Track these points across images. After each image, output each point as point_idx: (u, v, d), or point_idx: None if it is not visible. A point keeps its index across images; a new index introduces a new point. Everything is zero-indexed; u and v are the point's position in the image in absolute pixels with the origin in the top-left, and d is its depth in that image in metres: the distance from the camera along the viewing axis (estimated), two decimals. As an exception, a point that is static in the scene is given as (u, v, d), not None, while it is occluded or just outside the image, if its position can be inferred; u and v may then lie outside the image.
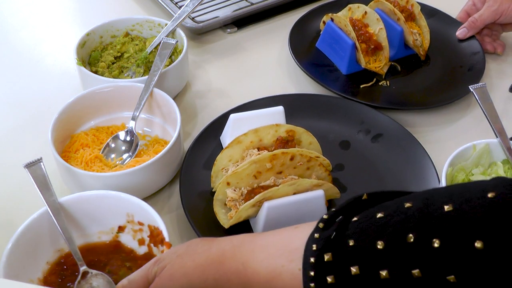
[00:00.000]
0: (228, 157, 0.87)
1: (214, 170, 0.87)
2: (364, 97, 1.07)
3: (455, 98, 1.06)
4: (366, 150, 0.96)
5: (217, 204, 0.83)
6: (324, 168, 0.85)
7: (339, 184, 0.90)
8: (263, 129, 0.88)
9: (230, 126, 0.93)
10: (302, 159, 0.83)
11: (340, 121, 1.01)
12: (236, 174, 0.81)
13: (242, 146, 0.87)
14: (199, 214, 0.83)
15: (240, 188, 0.82)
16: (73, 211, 0.78)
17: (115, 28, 1.13)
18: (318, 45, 1.21)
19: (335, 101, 1.04)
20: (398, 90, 1.11)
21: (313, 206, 0.81)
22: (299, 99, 1.04)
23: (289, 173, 0.83)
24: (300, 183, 0.80)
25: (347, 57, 1.12)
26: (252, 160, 0.81)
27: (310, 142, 0.90)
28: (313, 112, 1.02)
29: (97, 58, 1.10)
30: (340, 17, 1.14)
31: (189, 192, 0.86)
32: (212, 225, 0.82)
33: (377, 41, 1.12)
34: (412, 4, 1.19)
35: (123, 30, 1.14)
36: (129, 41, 1.13)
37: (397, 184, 0.89)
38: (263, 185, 0.82)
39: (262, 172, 0.82)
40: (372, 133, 0.99)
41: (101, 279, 0.73)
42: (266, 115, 0.94)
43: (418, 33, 1.16)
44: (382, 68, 1.12)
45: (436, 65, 1.17)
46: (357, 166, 0.94)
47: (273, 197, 0.79)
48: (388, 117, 1.00)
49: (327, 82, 1.09)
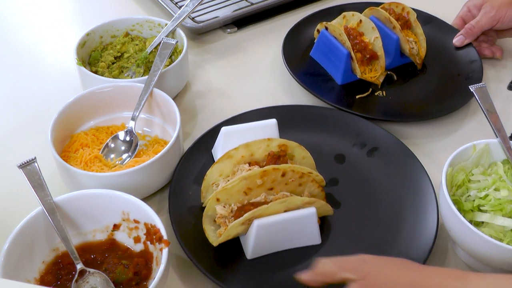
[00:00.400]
0: (219, 172, 0.85)
1: (204, 185, 0.85)
2: (360, 108, 1.05)
3: (453, 109, 1.04)
4: (362, 165, 0.94)
5: (206, 220, 0.81)
6: (317, 184, 0.83)
7: (333, 200, 0.88)
8: (254, 143, 0.85)
9: (222, 139, 0.91)
10: (294, 175, 0.81)
11: (335, 134, 0.98)
12: (226, 190, 0.79)
13: (232, 160, 0.85)
14: (188, 230, 0.81)
15: (230, 204, 0.80)
16: (68, 209, 0.78)
17: (115, 28, 1.13)
18: (312, 54, 1.18)
19: (330, 112, 1.02)
20: (394, 100, 1.08)
21: (305, 224, 0.80)
22: (293, 111, 1.01)
23: (281, 189, 0.81)
24: (291, 201, 0.78)
25: (342, 67, 1.09)
26: (242, 176, 0.79)
27: (303, 156, 0.87)
28: (307, 124, 1.00)
29: (97, 58, 1.10)
30: (335, 25, 1.11)
31: (179, 206, 0.84)
32: (200, 241, 0.80)
33: (372, 50, 1.09)
34: (408, 11, 1.16)
35: (123, 30, 1.14)
36: (129, 41, 1.13)
37: (392, 201, 0.88)
38: (253, 202, 0.80)
39: (252, 188, 0.79)
40: (368, 146, 0.96)
41: (98, 277, 0.74)
42: (259, 128, 0.91)
43: (414, 41, 1.14)
44: (378, 78, 1.09)
45: (433, 73, 1.15)
46: (352, 181, 0.92)
47: (263, 215, 0.77)
48: (384, 130, 0.98)
49: (322, 93, 1.06)
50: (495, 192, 0.79)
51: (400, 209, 0.87)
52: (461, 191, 0.83)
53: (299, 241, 0.81)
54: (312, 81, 1.10)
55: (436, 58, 1.18)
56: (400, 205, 0.87)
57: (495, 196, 0.79)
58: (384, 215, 0.86)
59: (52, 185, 0.80)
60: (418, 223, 0.84)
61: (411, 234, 0.83)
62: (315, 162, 0.89)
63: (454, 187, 0.83)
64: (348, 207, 0.88)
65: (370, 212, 0.87)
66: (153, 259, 0.76)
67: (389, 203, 0.88)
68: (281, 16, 1.34)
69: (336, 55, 1.10)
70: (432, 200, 0.86)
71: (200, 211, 0.84)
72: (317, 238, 0.82)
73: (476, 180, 0.83)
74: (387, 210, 0.87)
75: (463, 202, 0.80)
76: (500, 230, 0.77)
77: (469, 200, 0.81)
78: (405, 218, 0.85)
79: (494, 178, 0.81)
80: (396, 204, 0.88)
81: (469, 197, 0.81)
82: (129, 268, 0.75)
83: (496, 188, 0.80)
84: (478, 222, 0.79)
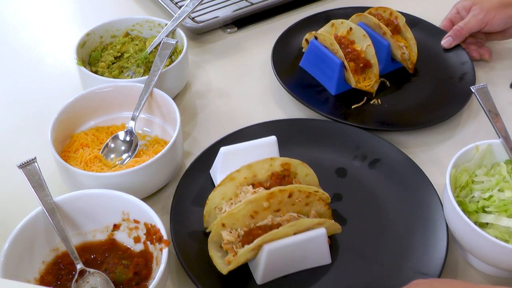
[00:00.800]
0: (221, 195, 0.82)
1: (207, 210, 0.82)
2: (356, 118, 1.03)
3: (452, 113, 1.03)
4: (364, 178, 0.92)
5: (212, 247, 0.77)
6: (323, 202, 0.81)
7: (338, 216, 0.87)
8: (257, 164, 0.82)
9: (221, 160, 0.87)
10: (300, 195, 0.78)
11: (334, 147, 0.96)
12: (232, 215, 0.76)
13: (235, 183, 0.82)
14: (193, 257, 0.79)
15: (236, 229, 0.77)
16: (68, 209, 0.78)
17: (115, 28, 1.13)
18: (302, 65, 1.14)
19: (328, 125, 0.99)
20: (390, 108, 1.07)
21: (315, 245, 0.77)
22: (290, 126, 0.99)
23: (287, 210, 0.79)
24: (301, 223, 0.75)
25: (335, 77, 1.06)
26: (248, 200, 0.76)
27: (306, 173, 0.85)
28: (306, 138, 0.97)
29: (97, 58, 1.10)
30: (325, 35, 1.08)
31: (181, 231, 0.81)
32: (207, 268, 0.77)
33: (365, 58, 1.07)
34: (396, 16, 1.14)
35: (123, 30, 1.14)
36: (129, 41, 1.13)
37: (399, 214, 0.86)
38: (260, 226, 0.77)
39: (259, 211, 0.77)
40: (369, 158, 0.94)
41: (98, 277, 0.74)
42: (258, 146, 0.89)
43: (405, 46, 1.13)
44: (372, 86, 1.08)
45: (425, 78, 1.14)
46: (355, 195, 0.90)
47: (273, 239, 0.75)
48: (384, 140, 0.96)
49: (317, 105, 1.04)
50: (499, 193, 0.79)
51: (408, 223, 0.85)
52: (465, 192, 0.82)
53: (310, 262, 0.79)
54: (305, 93, 1.08)
55: (427, 62, 1.17)
56: (407, 219, 0.85)
57: (499, 197, 0.79)
58: (392, 229, 0.84)
59: (52, 185, 0.80)
60: (429, 236, 0.82)
61: (422, 248, 0.81)
62: (318, 179, 0.87)
63: (458, 188, 0.82)
64: (355, 224, 0.86)
65: (378, 228, 0.85)
66: (153, 259, 0.76)
67: (395, 217, 0.86)
68: (281, 16, 1.34)
69: (328, 65, 1.07)
70: (439, 210, 0.84)
71: (203, 235, 0.81)
72: (327, 258, 0.80)
73: (479, 181, 0.82)
74: (395, 224, 0.85)
75: (467, 203, 0.80)
76: (505, 231, 0.76)
77: (473, 201, 0.81)
78: (414, 232, 0.83)
79: (497, 179, 0.81)
80: (403, 217, 0.86)
81: (473, 198, 0.81)
82: (129, 268, 0.75)
83: (500, 189, 0.80)
84: (483, 224, 0.79)
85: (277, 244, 0.75)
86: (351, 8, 1.27)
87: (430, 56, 1.18)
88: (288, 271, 0.79)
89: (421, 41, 1.18)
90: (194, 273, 0.76)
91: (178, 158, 0.92)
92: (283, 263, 0.77)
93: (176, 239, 0.80)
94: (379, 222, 0.86)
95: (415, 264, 0.79)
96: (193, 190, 0.88)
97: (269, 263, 0.75)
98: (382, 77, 1.12)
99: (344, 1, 1.37)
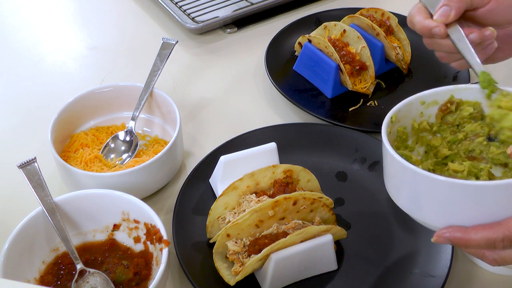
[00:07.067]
0: (224, 205, 0.81)
1: (210, 220, 0.81)
2: (354, 121, 1.02)
3: None
4: (365, 181, 0.91)
5: (217, 258, 0.77)
6: (327, 208, 0.81)
7: (342, 221, 0.86)
8: (259, 172, 0.82)
9: (221, 169, 0.86)
10: (305, 202, 0.78)
11: (333, 151, 0.95)
12: (237, 225, 0.76)
13: (238, 192, 0.81)
14: (198, 268, 0.78)
15: (242, 239, 0.76)
16: (68, 210, 0.78)
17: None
18: (296, 68, 1.13)
19: (326, 129, 0.98)
20: (387, 109, 0.99)
21: (322, 252, 0.77)
22: (289, 130, 0.98)
23: (292, 217, 0.78)
24: (308, 231, 0.75)
25: (331, 80, 1.05)
26: (253, 209, 0.75)
27: (308, 179, 0.84)
28: (305, 142, 0.96)
29: None
30: (319, 38, 1.06)
31: (184, 242, 0.80)
32: (212, 279, 0.76)
33: (361, 61, 1.05)
34: (388, 16, 1.13)
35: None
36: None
37: (402, 216, 0.81)
38: (266, 234, 0.77)
39: (264, 220, 0.76)
40: (368, 161, 0.93)
41: (98, 278, 0.74)
42: (258, 154, 0.87)
43: (398, 47, 1.12)
44: (368, 88, 1.07)
45: (419, 77, 1.13)
46: (357, 199, 0.89)
47: (281, 248, 0.74)
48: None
49: (314, 109, 1.03)
50: None
51: (411, 224, 0.83)
52: None
53: (316, 269, 0.79)
54: (300, 97, 1.07)
55: (420, 61, 1.15)
56: (410, 220, 0.83)
57: None
58: (396, 232, 0.84)
59: (52, 185, 0.80)
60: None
61: (428, 250, 0.80)
62: (319, 184, 0.86)
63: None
64: (359, 228, 0.85)
65: (381, 231, 0.84)
66: (153, 259, 0.76)
67: (398, 219, 0.85)
68: (281, 16, 1.34)
69: (323, 68, 1.07)
70: None
71: (207, 246, 0.81)
72: (333, 264, 0.80)
73: None
74: (398, 226, 0.84)
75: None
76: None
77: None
78: (418, 234, 0.82)
79: None
80: (406, 219, 0.83)
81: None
82: (129, 268, 0.75)
83: None
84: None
85: (284, 253, 0.74)
86: (341, 9, 1.25)
87: (423, 55, 1.16)
88: (295, 279, 0.79)
89: (414, 41, 1.16)
90: (201, 285, 0.75)
91: (178, 158, 0.92)
92: (290, 271, 0.76)
93: (180, 251, 0.78)
94: (382, 225, 0.85)
95: (422, 266, 0.78)
96: (193, 199, 0.87)
97: (276, 272, 0.75)
98: (376, 78, 1.11)
99: (339, 2, 1.36)
